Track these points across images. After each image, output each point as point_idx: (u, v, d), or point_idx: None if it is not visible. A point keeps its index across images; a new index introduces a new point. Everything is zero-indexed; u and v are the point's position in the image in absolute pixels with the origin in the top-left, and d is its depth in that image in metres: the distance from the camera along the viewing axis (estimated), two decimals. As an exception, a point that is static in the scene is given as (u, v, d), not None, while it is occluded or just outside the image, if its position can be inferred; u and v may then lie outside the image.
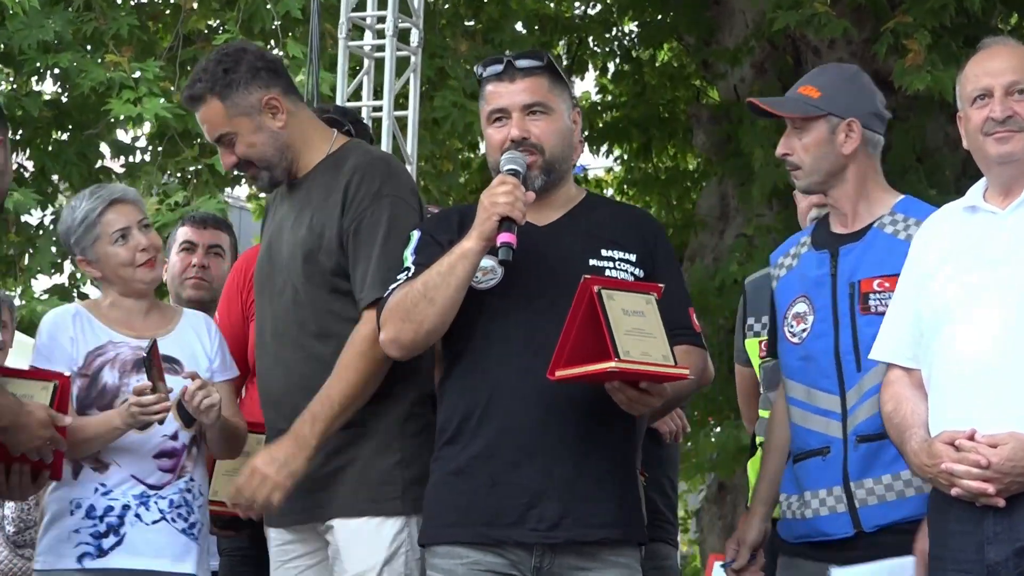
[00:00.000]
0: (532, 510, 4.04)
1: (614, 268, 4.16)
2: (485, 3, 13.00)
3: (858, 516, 4.19)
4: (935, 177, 11.19)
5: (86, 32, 10.82)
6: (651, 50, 14.30)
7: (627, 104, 14.25)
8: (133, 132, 11.48)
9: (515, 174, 4.10)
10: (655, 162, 14.72)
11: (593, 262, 4.15)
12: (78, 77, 10.49)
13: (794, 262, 4.45)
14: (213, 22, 11.77)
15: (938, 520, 3.90)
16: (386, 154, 5.21)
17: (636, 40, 14.21)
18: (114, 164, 12.12)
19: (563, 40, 14.09)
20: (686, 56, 14.04)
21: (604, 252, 4.18)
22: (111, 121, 10.92)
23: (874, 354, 4.10)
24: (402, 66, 9.68)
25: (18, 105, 10.88)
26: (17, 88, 11.15)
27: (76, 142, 11.39)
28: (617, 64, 14.46)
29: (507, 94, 4.22)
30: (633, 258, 4.20)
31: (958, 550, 3.81)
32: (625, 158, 14.77)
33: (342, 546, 4.34)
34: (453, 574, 4.08)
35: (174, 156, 11.43)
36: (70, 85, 10.86)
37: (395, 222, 4.38)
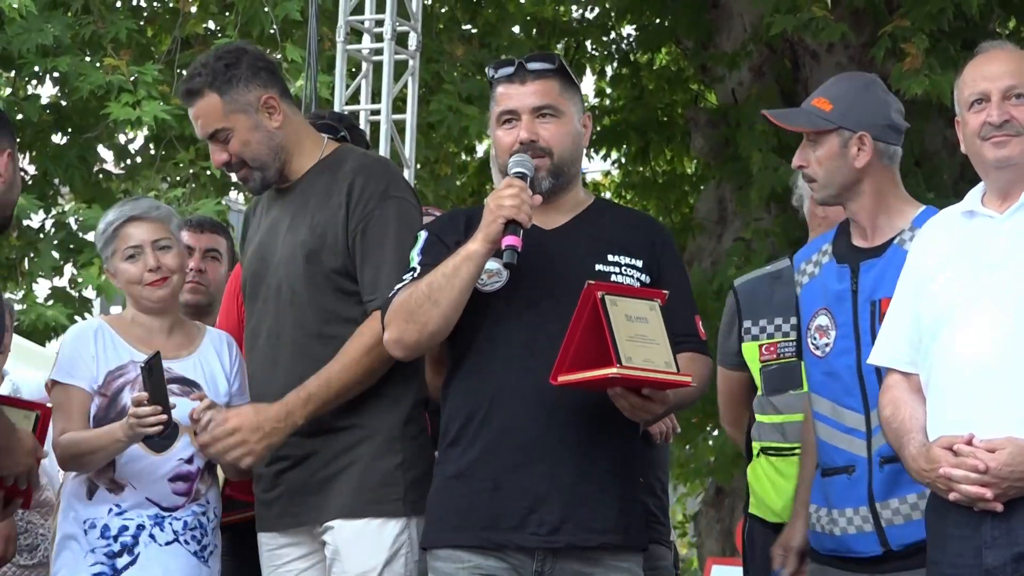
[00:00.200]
0: (533, 514, 4.03)
1: (620, 273, 4.14)
2: (482, 7, 12.99)
3: (885, 535, 4.20)
4: (933, 181, 11.18)
5: (84, 36, 10.82)
6: (649, 54, 14.27)
7: (625, 108, 14.23)
8: (132, 133, 11.47)
9: (522, 177, 4.08)
10: (653, 166, 14.69)
11: (599, 267, 4.13)
12: (77, 81, 10.48)
13: (816, 270, 4.42)
14: (212, 26, 11.76)
15: (936, 524, 3.90)
16: (384, 157, 5.22)
17: (634, 44, 14.19)
18: (113, 167, 12.12)
19: (561, 43, 14.07)
20: (684, 60, 14.02)
21: (610, 257, 4.16)
22: (110, 126, 10.91)
23: (872, 359, 4.10)
24: (400, 70, 9.67)
25: (18, 109, 10.88)
26: (17, 92, 11.15)
27: (76, 145, 11.39)
28: (615, 68, 14.45)
29: (517, 96, 4.19)
30: (640, 264, 4.18)
31: (956, 554, 3.81)
32: (623, 162, 14.74)
33: (342, 547, 4.34)
34: (454, 578, 4.07)
35: (171, 159, 11.43)
36: (69, 89, 10.85)
37: (404, 223, 4.38)
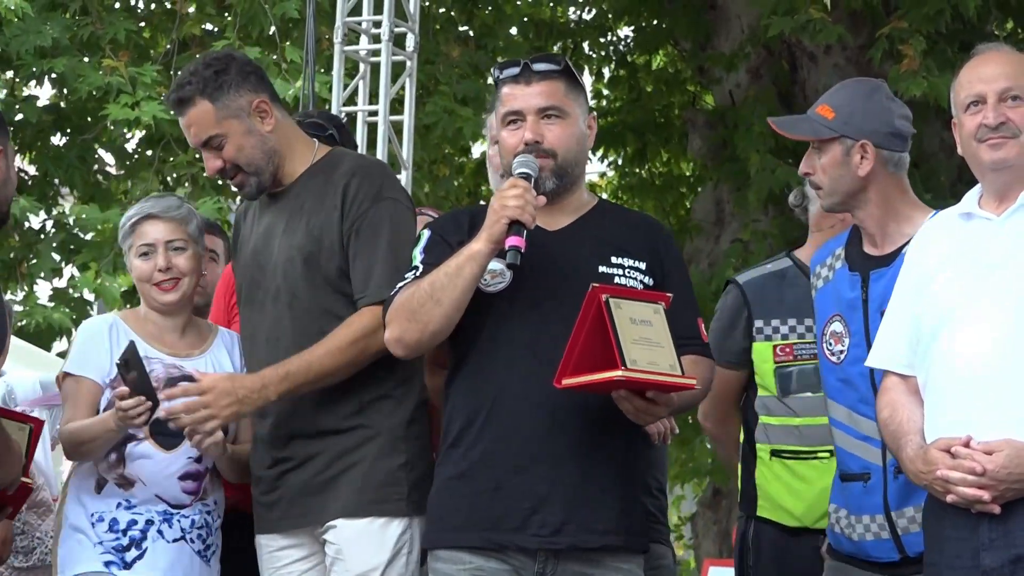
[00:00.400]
0: (535, 515, 4.03)
1: (623, 275, 4.14)
2: (479, 8, 12.97)
3: (902, 543, 4.22)
4: (931, 182, 11.17)
5: (83, 37, 10.81)
6: (646, 55, 14.27)
7: (622, 109, 14.20)
8: (131, 134, 11.47)
9: (527, 178, 4.08)
10: (650, 167, 14.67)
11: (602, 269, 4.12)
12: (75, 82, 10.48)
13: (830, 274, 4.43)
14: (210, 27, 11.75)
15: (934, 526, 3.90)
16: (378, 159, 5.23)
17: (631, 45, 14.17)
18: (113, 168, 12.11)
19: (558, 45, 14.05)
20: (681, 61, 14.00)
21: (614, 259, 4.15)
22: (109, 127, 10.91)
23: (870, 361, 4.11)
24: (398, 71, 9.66)
25: (18, 110, 10.88)
26: (15, 93, 11.14)
27: (75, 146, 11.39)
28: (612, 69, 14.42)
29: (522, 97, 4.18)
30: (643, 266, 4.17)
31: (954, 556, 3.81)
32: (620, 163, 14.73)
33: (345, 546, 4.34)
34: (455, 579, 4.07)
35: (168, 160, 11.42)
36: (68, 90, 10.85)
37: (397, 224, 4.40)
